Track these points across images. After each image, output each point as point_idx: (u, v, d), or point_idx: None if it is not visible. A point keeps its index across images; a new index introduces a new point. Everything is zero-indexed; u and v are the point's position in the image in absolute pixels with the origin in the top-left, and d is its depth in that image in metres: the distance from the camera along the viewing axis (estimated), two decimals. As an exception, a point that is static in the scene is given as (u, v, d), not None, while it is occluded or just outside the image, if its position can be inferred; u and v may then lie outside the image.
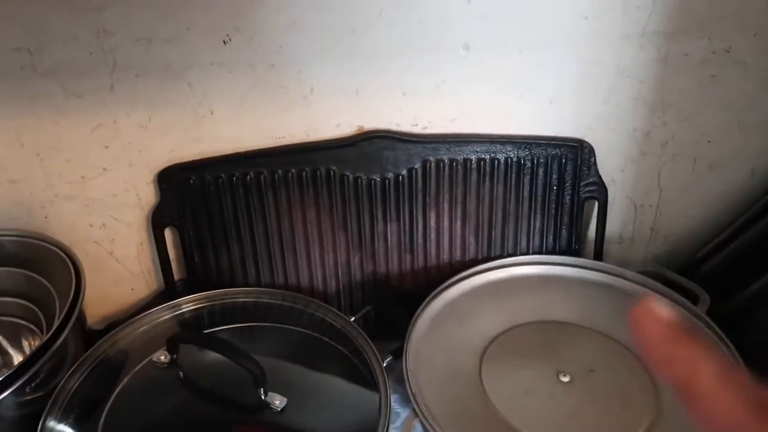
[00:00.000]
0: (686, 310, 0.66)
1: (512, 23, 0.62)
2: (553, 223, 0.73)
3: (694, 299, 0.67)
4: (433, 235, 0.73)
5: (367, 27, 0.61)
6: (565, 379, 0.60)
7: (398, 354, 0.63)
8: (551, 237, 0.74)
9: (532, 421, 0.56)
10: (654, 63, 0.65)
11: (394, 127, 0.69)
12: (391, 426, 0.62)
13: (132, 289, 0.79)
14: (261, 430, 0.56)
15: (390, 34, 0.62)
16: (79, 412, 0.59)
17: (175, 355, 0.61)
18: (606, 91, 0.67)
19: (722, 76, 0.65)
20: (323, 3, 0.60)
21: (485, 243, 0.74)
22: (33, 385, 0.56)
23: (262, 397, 0.57)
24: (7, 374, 0.53)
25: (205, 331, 0.68)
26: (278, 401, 0.57)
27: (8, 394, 0.53)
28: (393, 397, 0.65)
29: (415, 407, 0.56)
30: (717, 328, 0.63)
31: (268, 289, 0.73)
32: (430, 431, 0.55)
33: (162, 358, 0.62)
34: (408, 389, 0.58)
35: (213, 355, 0.59)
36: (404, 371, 0.60)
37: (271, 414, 0.57)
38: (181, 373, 0.61)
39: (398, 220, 0.72)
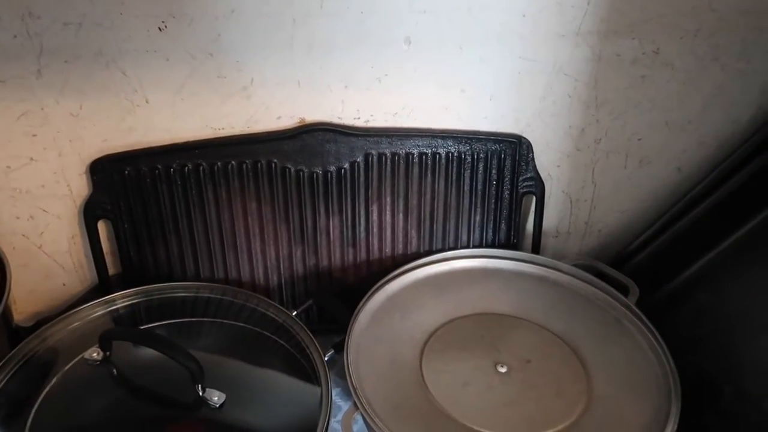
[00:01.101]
0: (617, 301, 0.69)
1: (452, 19, 0.63)
2: (492, 217, 0.75)
3: (625, 291, 0.70)
4: (375, 229, 0.73)
5: (307, 18, 0.61)
6: (503, 370, 0.61)
7: (340, 348, 0.63)
8: (491, 231, 0.76)
9: (470, 411, 0.57)
10: (588, 62, 0.67)
11: (336, 120, 0.68)
12: (333, 419, 0.62)
13: (64, 285, 0.76)
14: (198, 427, 0.55)
15: (331, 25, 0.62)
16: (5, 413, 0.56)
17: (108, 353, 0.59)
18: (543, 88, 0.68)
19: (651, 77, 0.68)
20: (264, -8, 0.59)
21: (427, 236, 0.75)
22: (-48, 386, 0.54)
23: (200, 394, 0.56)
24: None
25: (141, 327, 0.66)
26: (216, 397, 0.56)
27: (-76, 396, 0.50)
28: (334, 391, 0.65)
29: (356, 400, 0.57)
30: (645, 319, 0.66)
31: (208, 284, 0.72)
32: (371, 424, 0.55)
33: (94, 355, 0.59)
34: (349, 382, 0.58)
35: (149, 352, 0.58)
36: (345, 365, 0.60)
37: (209, 410, 0.56)
38: (114, 370, 0.59)
39: (340, 213, 0.72)
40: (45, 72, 0.61)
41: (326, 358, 0.62)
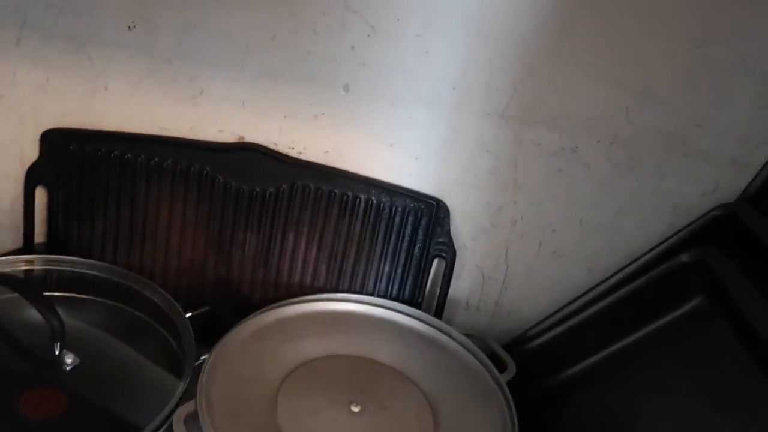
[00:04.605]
0: (491, 375, 0.70)
1: (389, 77, 0.69)
2: (401, 271, 0.78)
3: (504, 368, 0.71)
4: (288, 255, 0.77)
5: (260, 46, 0.68)
6: (356, 409, 0.62)
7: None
8: (397, 284, 0.78)
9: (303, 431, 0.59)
10: (510, 144, 0.71)
11: (272, 146, 0.74)
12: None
13: (-4, 242, 0.81)
14: (42, 383, 0.57)
15: (279, 58, 0.68)
16: None
17: (-10, 296, 0.63)
18: (466, 159, 0.73)
19: (568, 172, 0.72)
20: (224, 16, 0.67)
21: (336, 275, 0.78)
22: None
23: (56, 353, 0.58)
24: None
25: (45, 294, 0.70)
26: (70, 360, 0.59)
27: None
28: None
29: (197, 395, 0.58)
30: (510, 398, 0.66)
31: (121, 269, 0.75)
32: (201, 420, 0.56)
33: (-22, 297, 0.63)
34: (199, 380, 0.60)
35: (33, 313, 0.61)
36: (204, 367, 0.62)
37: (60, 371, 0.58)
38: (-7, 315, 0.63)
39: (258, 233, 0.76)
40: (23, 42, 0.68)
41: (199, 362, 0.64)
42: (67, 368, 0.58)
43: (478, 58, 0.68)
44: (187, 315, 0.71)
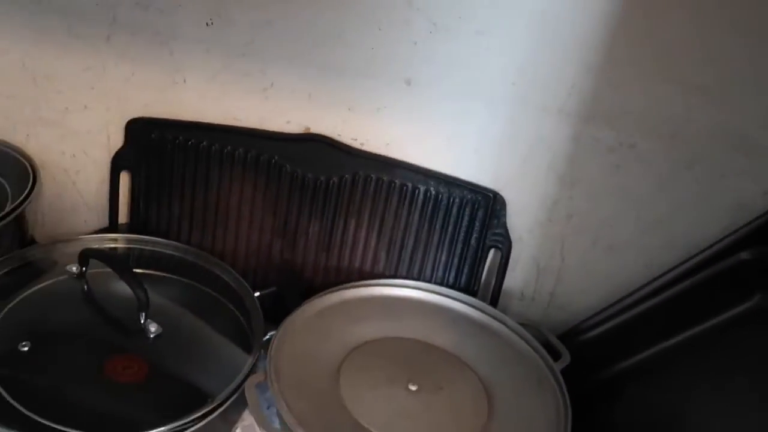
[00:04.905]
0: (545, 362, 0.72)
1: (450, 72, 0.71)
2: (457, 261, 0.80)
3: (558, 357, 0.73)
4: (350, 241, 0.81)
5: (327, 44, 0.71)
6: (413, 388, 0.66)
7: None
8: (453, 272, 0.81)
9: (363, 407, 0.62)
10: (568, 139, 0.73)
11: (336, 137, 0.78)
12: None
13: (85, 222, 0.88)
14: (127, 349, 0.63)
15: (345, 54, 0.72)
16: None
17: (84, 268, 0.69)
18: (524, 154, 0.74)
19: (625, 168, 0.73)
20: (294, 14, 0.71)
21: (394, 261, 0.81)
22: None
23: (141, 322, 0.64)
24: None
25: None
26: (154, 329, 0.64)
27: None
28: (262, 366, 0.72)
29: (267, 366, 0.63)
30: (563, 385, 0.68)
31: (195, 249, 0.81)
32: (270, 385, 0.61)
33: (74, 269, 0.70)
34: (268, 353, 0.65)
35: (121, 284, 0.67)
36: (272, 342, 0.66)
37: (143, 339, 0.64)
38: (85, 286, 0.69)
39: (322, 219, 0.80)
40: (113, 38, 0.75)
41: (267, 337, 0.69)
42: (151, 336, 0.64)
43: (538, 54, 0.69)
44: (255, 295, 0.76)
